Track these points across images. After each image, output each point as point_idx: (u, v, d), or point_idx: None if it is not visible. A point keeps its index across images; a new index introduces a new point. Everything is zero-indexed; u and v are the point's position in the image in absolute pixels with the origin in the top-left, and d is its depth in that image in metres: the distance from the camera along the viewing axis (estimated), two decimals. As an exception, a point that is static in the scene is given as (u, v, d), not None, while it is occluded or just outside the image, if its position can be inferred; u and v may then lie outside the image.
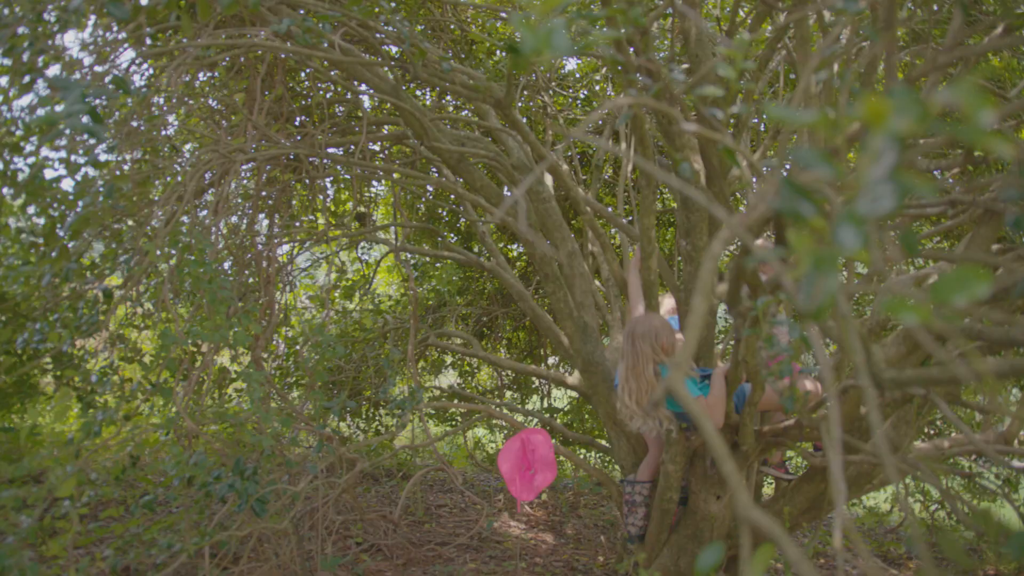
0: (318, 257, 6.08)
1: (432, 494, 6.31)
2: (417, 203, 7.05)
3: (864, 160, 0.64)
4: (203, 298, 3.52)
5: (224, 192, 3.48)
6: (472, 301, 7.09)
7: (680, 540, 4.08)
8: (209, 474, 2.97)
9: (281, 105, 4.25)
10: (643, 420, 3.32)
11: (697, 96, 1.37)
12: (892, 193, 0.64)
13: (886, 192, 0.64)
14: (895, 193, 0.64)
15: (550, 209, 4.28)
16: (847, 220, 0.61)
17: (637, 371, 3.26)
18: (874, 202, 0.64)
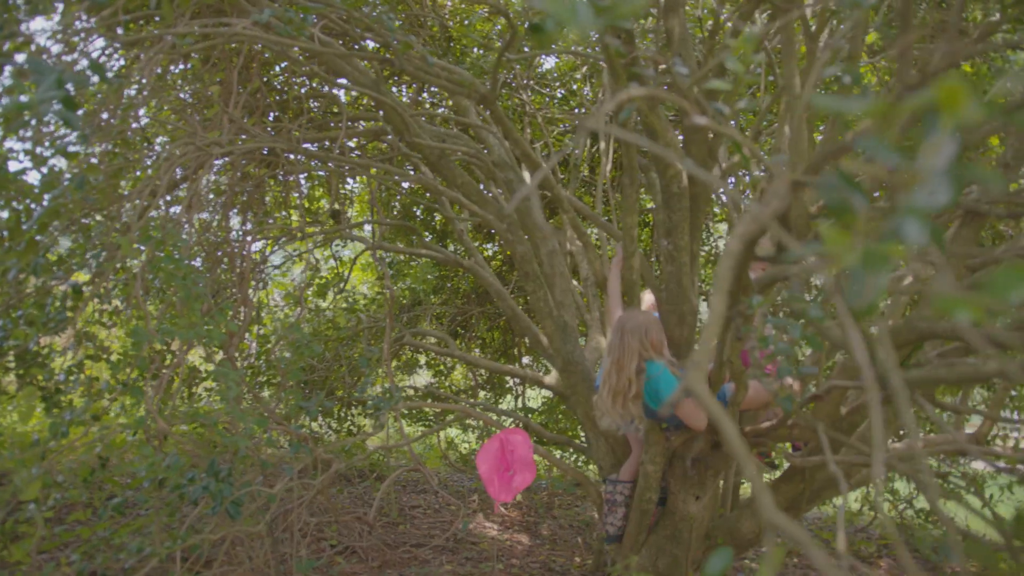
0: (291, 255, 5.97)
1: (406, 495, 6.24)
2: (392, 201, 6.98)
3: (924, 150, 0.61)
4: (175, 295, 3.42)
5: (198, 187, 3.39)
6: (447, 300, 7.03)
7: (658, 541, 4.06)
8: (183, 476, 2.88)
9: (257, 99, 4.16)
10: (613, 418, 3.29)
11: (704, 90, 1.33)
12: (949, 185, 0.61)
13: (944, 184, 0.61)
14: (953, 185, 0.61)
15: (531, 207, 4.24)
16: (910, 214, 0.58)
17: (621, 364, 3.24)
18: (932, 195, 0.61)
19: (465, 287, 7.34)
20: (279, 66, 5.18)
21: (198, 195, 3.53)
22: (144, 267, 3.40)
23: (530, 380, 5.34)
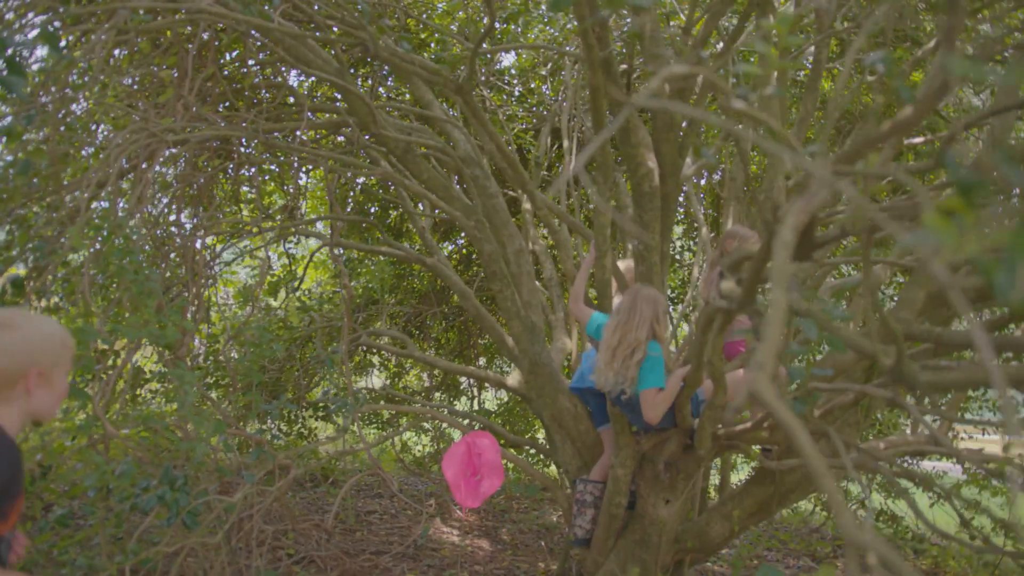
0: (242, 251, 5.74)
1: (361, 500, 6.05)
2: (346, 197, 6.78)
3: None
4: (123, 291, 3.21)
5: (149, 176, 3.18)
6: (402, 300, 6.86)
7: (627, 545, 3.99)
8: (136, 485, 2.69)
9: (210, 86, 3.95)
10: (607, 377, 3.21)
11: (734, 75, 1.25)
12: None
13: None
14: None
15: (497, 205, 4.14)
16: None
17: (628, 327, 3.18)
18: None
19: (421, 287, 7.19)
20: (230, 54, 4.96)
21: (150, 184, 3.32)
22: (89, 261, 3.18)
23: (492, 382, 5.23)
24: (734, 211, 4.53)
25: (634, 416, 3.54)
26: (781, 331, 0.94)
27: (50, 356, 1.72)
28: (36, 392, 1.70)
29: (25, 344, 1.67)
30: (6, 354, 1.65)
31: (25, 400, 1.69)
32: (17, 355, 1.66)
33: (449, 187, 3.98)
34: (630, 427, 3.79)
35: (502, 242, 4.09)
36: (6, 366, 1.65)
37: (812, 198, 1.10)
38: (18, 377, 1.67)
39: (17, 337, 1.67)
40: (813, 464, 0.91)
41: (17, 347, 1.66)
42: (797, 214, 1.06)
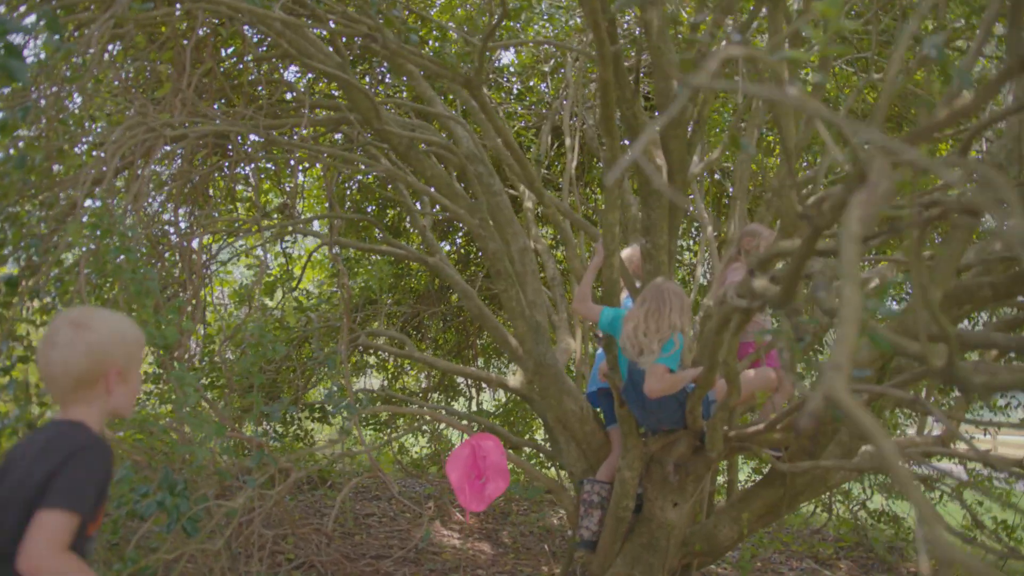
0: (238, 250, 5.64)
1: (358, 502, 5.97)
2: (343, 196, 6.69)
3: None
4: (120, 290, 3.12)
5: (147, 172, 3.10)
6: (400, 300, 6.78)
7: (634, 549, 3.92)
8: (134, 490, 2.60)
9: (208, 82, 3.86)
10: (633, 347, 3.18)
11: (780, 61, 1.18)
12: None
13: None
14: None
15: (501, 203, 4.07)
16: None
17: (661, 314, 3.15)
18: None
19: (419, 287, 7.11)
20: (226, 50, 4.87)
21: (146, 182, 3.23)
22: (85, 259, 3.09)
23: (494, 383, 5.15)
24: (739, 210, 4.47)
25: (643, 412, 3.46)
26: (855, 331, 0.88)
27: (126, 354, 1.72)
28: (116, 390, 1.70)
29: (104, 343, 1.67)
30: (87, 355, 1.64)
31: (105, 399, 1.70)
32: (97, 355, 1.66)
33: (452, 184, 3.91)
34: (638, 429, 3.73)
35: (506, 240, 4.02)
36: (88, 366, 1.64)
37: (874, 189, 1.03)
38: (98, 377, 1.67)
39: (95, 337, 1.66)
40: (899, 474, 0.84)
41: (96, 347, 1.66)
42: (864, 206, 0.99)
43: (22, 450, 1.66)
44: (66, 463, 1.57)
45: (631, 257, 4.01)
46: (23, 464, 1.61)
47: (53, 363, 1.64)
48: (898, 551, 6.31)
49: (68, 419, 1.66)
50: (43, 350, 1.66)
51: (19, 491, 1.57)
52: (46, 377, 1.68)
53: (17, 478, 1.59)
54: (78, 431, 1.65)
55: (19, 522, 1.53)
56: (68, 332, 1.65)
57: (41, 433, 1.70)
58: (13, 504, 1.56)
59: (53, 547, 1.50)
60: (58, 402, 1.70)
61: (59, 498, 1.53)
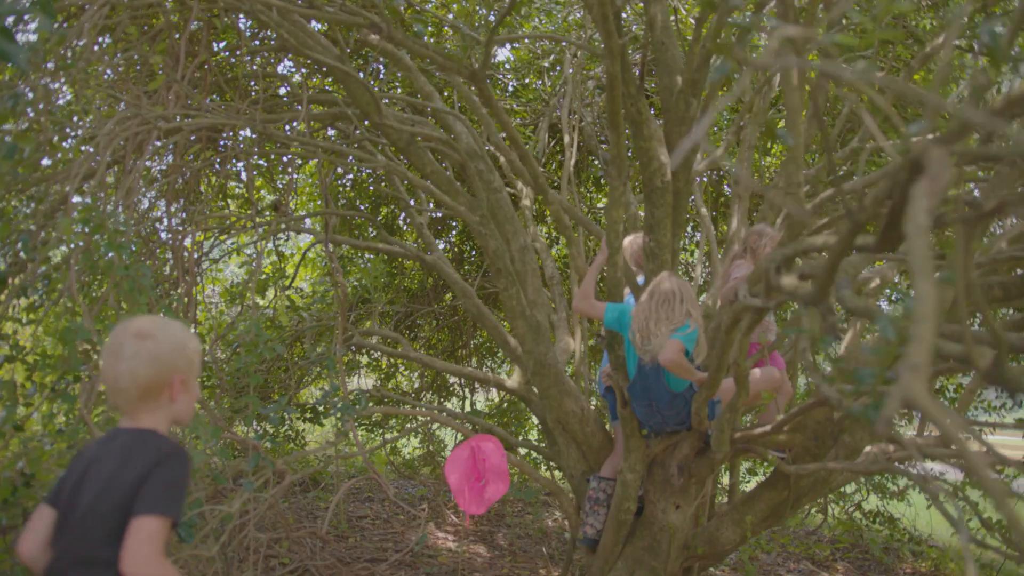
0: (229, 248, 5.54)
1: (351, 504, 5.88)
2: (336, 193, 6.60)
3: None
4: (112, 287, 3.02)
5: (140, 166, 3.00)
6: (394, 299, 6.70)
7: (635, 552, 3.87)
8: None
9: (201, 77, 3.77)
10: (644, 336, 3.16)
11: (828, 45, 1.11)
12: None
13: None
14: None
15: (501, 200, 4.00)
16: None
17: (670, 304, 3.14)
18: None
19: (412, 285, 7.02)
20: (218, 44, 4.77)
21: (138, 177, 3.14)
22: (75, 256, 2.99)
23: (491, 383, 5.08)
24: (741, 209, 4.42)
25: (650, 411, 3.39)
26: (932, 329, 0.81)
27: (188, 362, 1.77)
28: (179, 398, 1.75)
29: (167, 353, 1.72)
30: (152, 364, 1.69)
31: (169, 407, 1.75)
32: (161, 364, 1.70)
33: (452, 181, 3.83)
34: (640, 430, 3.67)
35: (506, 238, 3.95)
36: (154, 376, 1.69)
37: (935, 180, 0.97)
38: (164, 385, 1.72)
39: (159, 347, 1.71)
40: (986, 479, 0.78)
41: (161, 356, 1.70)
42: (930, 197, 0.93)
43: (96, 458, 1.69)
44: (154, 470, 1.62)
45: (631, 246, 3.94)
46: (103, 471, 1.64)
47: (121, 374, 1.67)
48: (894, 552, 6.29)
49: (139, 427, 1.71)
50: (109, 362, 1.69)
51: (105, 497, 1.61)
52: (113, 388, 1.70)
53: (99, 486, 1.63)
54: (157, 438, 1.71)
55: (110, 528, 1.59)
56: (133, 343, 1.69)
57: (112, 441, 1.72)
58: (100, 510, 1.61)
59: (154, 552, 1.55)
60: (124, 411, 1.73)
61: (154, 504, 1.58)
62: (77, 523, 1.63)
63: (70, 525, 1.64)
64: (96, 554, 1.60)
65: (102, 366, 1.72)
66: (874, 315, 1.39)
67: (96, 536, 1.60)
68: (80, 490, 1.65)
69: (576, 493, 4.20)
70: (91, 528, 1.61)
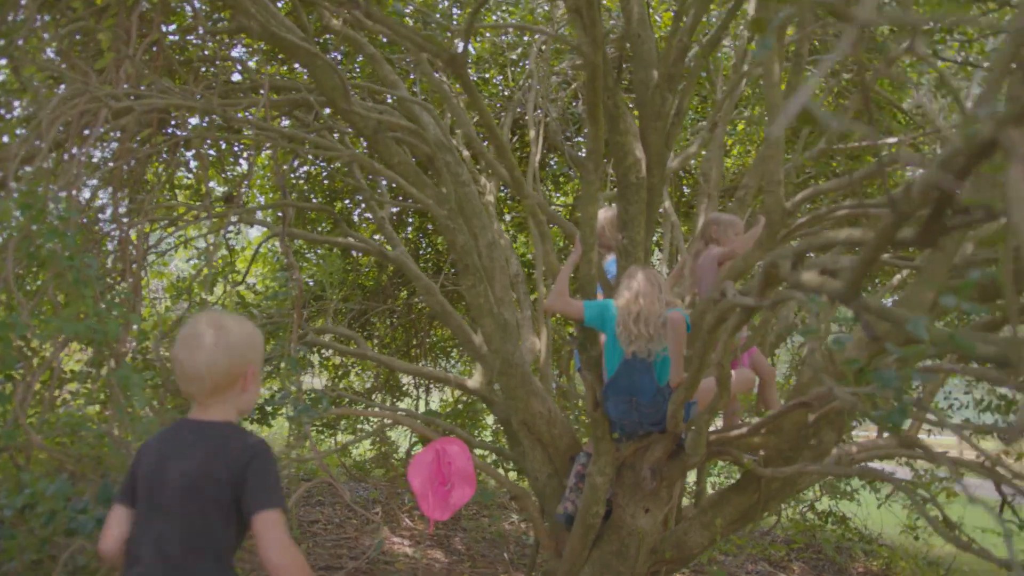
0: (177, 240, 5.27)
1: (301, 509, 5.67)
2: (289, 186, 6.36)
3: None
4: (54, 279, 2.79)
5: (86, 148, 2.78)
6: (349, 296, 6.49)
7: (603, 556, 3.77)
8: (71, 505, 2.31)
9: (153, 58, 3.54)
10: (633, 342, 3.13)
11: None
12: None
13: None
14: None
15: (469, 194, 3.86)
16: None
17: (650, 298, 3.13)
18: None
19: (368, 282, 6.83)
20: (168, 26, 4.52)
21: (83, 160, 2.91)
22: (13, 245, 2.75)
23: (453, 383, 4.94)
24: (709, 208, 4.37)
25: (628, 408, 3.30)
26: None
27: (257, 354, 1.81)
28: (249, 389, 1.80)
29: (241, 344, 1.76)
30: (229, 355, 1.72)
31: (239, 398, 1.80)
32: (237, 355, 1.74)
33: (420, 173, 3.68)
34: (611, 433, 3.58)
35: (474, 234, 3.82)
36: (229, 366, 1.73)
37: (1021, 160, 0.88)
38: (238, 376, 1.76)
39: (234, 339, 1.75)
40: None
41: (236, 348, 1.74)
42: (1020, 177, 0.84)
43: (173, 452, 1.71)
44: (251, 464, 1.68)
45: (604, 220, 3.84)
46: (190, 466, 1.68)
47: (199, 364, 1.70)
48: (846, 552, 6.36)
49: (216, 419, 1.75)
50: (187, 352, 1.72)
51: (201, 492, 1.66)
52: (189, 376, 1.72)
53: (190, 480, 1.66)
54: (240, 431, 1.78)
55: (212, 522, 1.66)
56: (210, 335, 1.72)
57: (187, 433, 1.74)
58: (197, 504, 1.66)
59: (290, 540, 1.66)
60: (196, 401, 1.76)
61: (270, 499, 1.66)
62: (176, 517, 1.66)
63: (163, 519, 1.67)
64: (205, 544, 1.66)
65: (178, 356, 1.73)
66: (901, 319, 1.30)
67: (201, 528, 1.66)
68: (164, 485, 1.68)
69: (540, 496, 4.09)
70: (193, 522, 1.66)
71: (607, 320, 3.21)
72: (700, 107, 5.82)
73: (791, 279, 1.52)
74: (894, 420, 1.44)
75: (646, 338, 3.09)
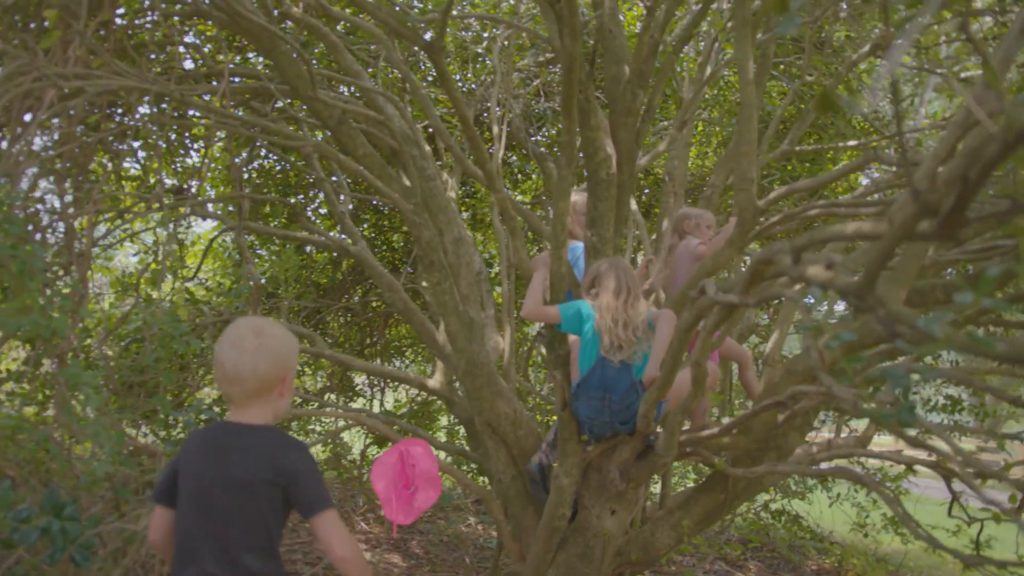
0: (122, 233, 5.04)
1: (253, 513, 5.47)
2: (241, 180, 6.15)
3: None
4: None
5: (32, 130, 2.60)
6: (303, 293, 6.31)
7: (568, 559, 3.71)
8: (10, 513, 2.14)
9: (107, 37, 3.35)
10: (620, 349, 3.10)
11: None
12: None
13: None
14: None
15: (435, 189, 3.77)
16: None
17: (629, 301, 3.11)
18: None
19: (323, 279, 6.65)
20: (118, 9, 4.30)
21: (27, 145, 2.72)
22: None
23: (414, 383, 4.83)
24: (675, 206, 4.35)
25: (601, 406, 3.24)
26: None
27: (296, 361, 1.89)
28: (285, 394, 1.87)
29: (282, 350, 1.83)
30: (271, 359, 1.79)
31: (277, 402, 1.86)
32: (278, 360, 1.81)
33: (386, 166, 3.57)
34: (579, 435, 3.52)
35: (440, 229, 3.73)
36: (271, 370, 1.79)
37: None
38: (277, 380, 1.82)
39: (275, 343, 1.82)
40: None
41: (277, 353, 1.81)
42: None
43: (216, 455, 1.79)
44: (300, 467, 1.78)
45: (575, 205, 3.78)
46: (236, 470, 1.75)
47: (243, 366, 1.76)
48: (799, 550, 6.43)
49: (257, 424, 1.82)
50: (231, 354, 1.77)
51: (252, 494, 1.75)
52: (231, 378, 1.78)
53: (240, 483, 1.74)
54: (282, 435, 1.85)
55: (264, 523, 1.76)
56: (253, 338, 1.79)
57: (229, 436, 1.81)
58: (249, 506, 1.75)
59: (349, 537, 1.79)
60: (236, 403, 1.82)
61: (323, 500, 1.78)
62: (230, 519, 1.75)
63: (217, 521, 1.75)
64: (259, 543, 1.76)
65: (221, 358, 1.78)
66: (911, 318, 1.26)
67: (255, 528, 1.75)
68: (214, 487, 1.75)
69: (504, 499, 4.01)
70: (247, 523, 1.75)
71: (583, 321, 3.15)
72: (663, 107, 5.81)
73: (794, 274, 1.46)
74: (903, 419, 1.40)
75: (632, 343, 3.05)
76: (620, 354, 3.09)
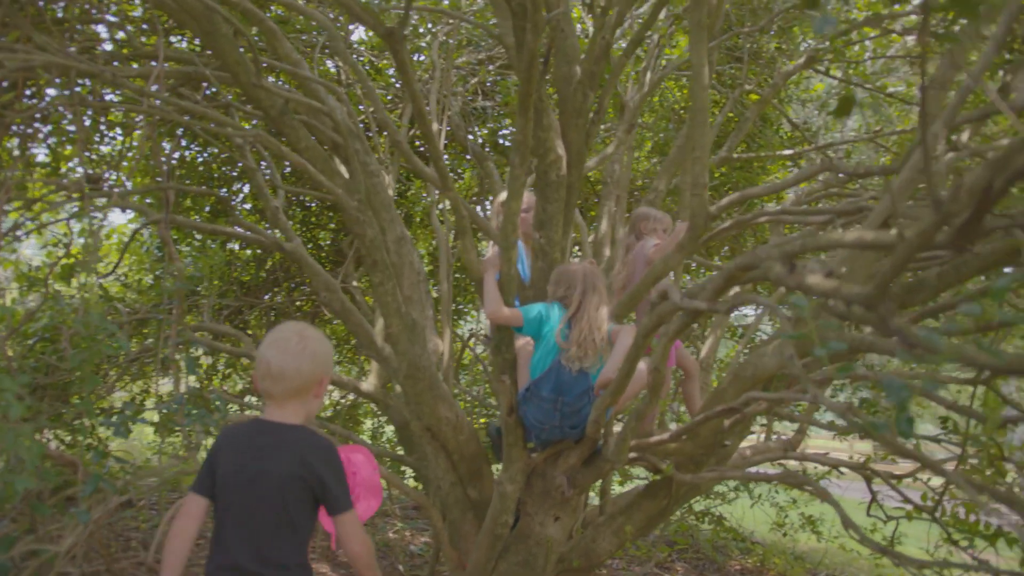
0: (28, 225, 4.68)
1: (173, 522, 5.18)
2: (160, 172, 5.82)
3: None
4: None
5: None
6: (227, 292, 6.03)
7: (509, 568, 3.64)
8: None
9: (25, 9, 3.08)
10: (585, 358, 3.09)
11: None
12: None
13: None
14: None
15: (378, 185, 3.64)
16: None
17: (603, 313, 3.14)
18: None
19: (246, 277, 6.38)
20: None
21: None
22: None
23: (345, 386, 4.66)
24: (615, 209, 4.35)
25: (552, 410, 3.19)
26: None
27: (332, 362, 1.98)
28: (319, 396, 1.98)
29: (321, 353, 1.93)
30: (313, 361, 1.90)
31: (312, 403, 1.95)
32: (318, 363, 1.92)
33: (330, 160, 3.42)
34: (524, 442, 3.46)
35: (383, 227, 3.60)
36: (312, 372, 1.90)
37: None
38: (315, 383, 1.93)
39: (316, 347, 1.92)
40: None
41: (318, 356, 1.91)
42: None
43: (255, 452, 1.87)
44: (330, 467, 1.90)
45: (529, 203, 3.73)
46: (274, 468, 1.85)
47: (287, 366, 1.87)
48: (723, 550, 6.56)
49: (292, 422, 1.92)
50: (276, 354, 1.88)
51: (290, 493, 1.85)
52: (275, 376, 1.87)
53: (278, 482, 1.84)
54: (316, 436, 1.95)
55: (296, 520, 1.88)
56: (296, 341, 1.90)
57: (268, 434, 1.89)
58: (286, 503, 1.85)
59: (365, 536, 1.97)
60: (275, 402, 1.90)
61: (348, 499, 1.95)
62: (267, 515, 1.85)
63: (255, 517, 1.84)
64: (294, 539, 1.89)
65: (266, 357, 1.86)
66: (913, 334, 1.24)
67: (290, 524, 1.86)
68: (252, 484, 1.84)
69: (443, 505, 3.91)
70: (282, 519, 1.85)
71: (542, 323, 3.09)
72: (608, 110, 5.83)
73: (791, 282, 1.43)
74: (903, 430, 1.38)
75: (597, 353, 3.02)
76: (584, 363, 3.05)
